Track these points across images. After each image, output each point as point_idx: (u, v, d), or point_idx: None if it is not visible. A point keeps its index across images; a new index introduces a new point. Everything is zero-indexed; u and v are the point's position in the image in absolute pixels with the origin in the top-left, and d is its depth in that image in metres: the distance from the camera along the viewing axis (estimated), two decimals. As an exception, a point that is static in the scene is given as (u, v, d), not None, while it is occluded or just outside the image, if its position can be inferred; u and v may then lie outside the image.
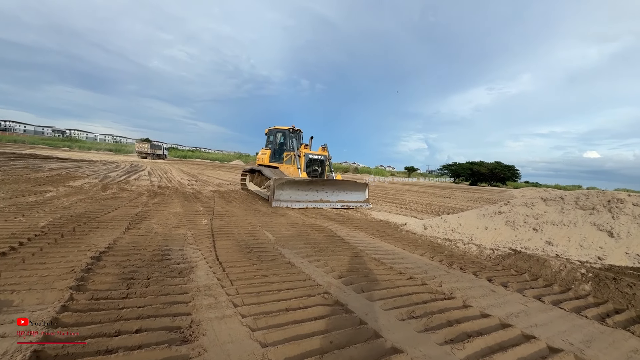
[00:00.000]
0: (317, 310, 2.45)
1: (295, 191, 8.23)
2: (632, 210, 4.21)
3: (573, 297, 3.35)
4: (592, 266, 3.73)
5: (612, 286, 3.42)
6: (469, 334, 2.33)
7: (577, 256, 3.97)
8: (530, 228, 4.81)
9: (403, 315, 2.53)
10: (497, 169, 50.40)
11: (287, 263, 3.58)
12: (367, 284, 3.10)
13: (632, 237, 3.91)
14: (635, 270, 3.49)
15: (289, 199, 8.10)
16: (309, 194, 8.47)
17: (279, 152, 10.65)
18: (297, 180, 8.19)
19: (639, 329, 2.65)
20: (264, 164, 10.87)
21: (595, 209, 4.52)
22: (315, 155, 9.62)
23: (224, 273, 3.04)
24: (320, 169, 9.73)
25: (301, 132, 10.71)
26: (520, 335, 2.39)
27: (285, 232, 5.16)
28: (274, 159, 10.69)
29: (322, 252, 4.20)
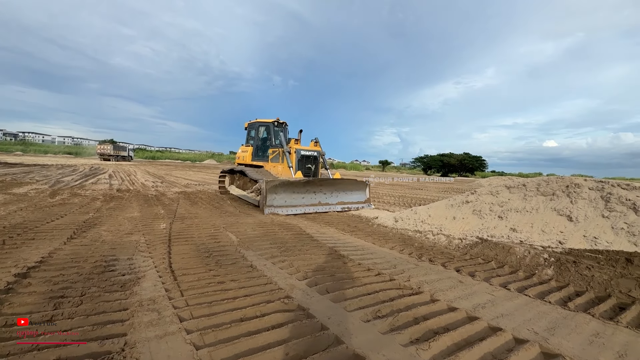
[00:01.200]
0: (276, 317, 2.24)
1: (291, 194, 6.98)
2: (588, 194, 4.35)
3: (537, 283, 3.38)
4: (554, 250, 3.80)
5: (572, 269, 3.49)
6: (435, 331, 2.22)
7: (539, 241, 4.04)
8: (496, 216, 4.87)
9: (368, 315, 2.38)
10: (466, 160, 52.50)
11: (249, 266, 3.33)
12: (332, 284, 2.93)
13: (589, 220, 4.03)
14: (593, 253, 3.58)
15: (283, 204, 6.86)
16: (305, 196, 7.26)
17: (262, 148, 9.42)
18: (293, 182, 6.89)
19: (598, 310, 2.68)
20: (246, 163, 9.56)
21: (555, 194, 4.64)
22: (307, 151, 8.40)
23: (175, 282, 2.75)
24: (314, 166, 8.57)
25: (287, 125, 9.47)
26: (486, 327, 2.32)
27: (251, 233, 4.90)
28: (257, 156, 9.41)
29: (288, 252, 3.99)
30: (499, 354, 2.00)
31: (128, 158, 46.20)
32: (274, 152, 8.69)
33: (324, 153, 8.99)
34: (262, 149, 9.42)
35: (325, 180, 7.74)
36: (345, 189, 8.09)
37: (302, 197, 7.18)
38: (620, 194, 4.06)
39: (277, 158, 8.52)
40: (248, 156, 9.56)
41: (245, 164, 9.65)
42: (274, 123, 9.04)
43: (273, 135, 9.06)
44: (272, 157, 8.71)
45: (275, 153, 8.64)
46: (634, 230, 3.60)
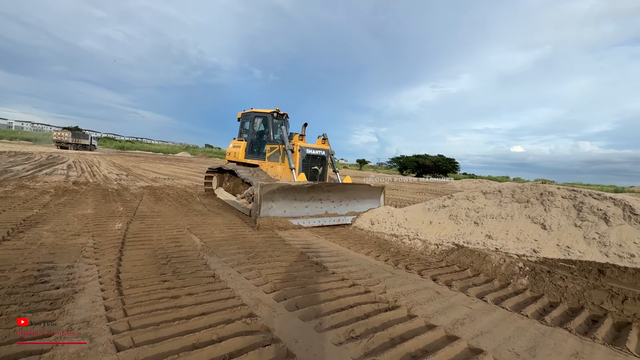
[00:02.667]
0: (235, 342, 1.95)
1: (291, 202, 5.55)
2: (561, 202, 4.37)
3: (512, 293, 3.31)
4: (529, 259, 3.76)
5: (546, 279, 3.45)
6: (413, 356, 2.02)
7: (514, 249, 4.00)
8: (472, 222, 4.81)
9: (340, 337, 2.14)
10: (440, 162, 54.10)
11: (210, 276, 2.99)
12: (303, 298, 2.67)
13: (562, 229, 4.04)
14: (566, 263, 3.56)
15: (282, 214, 5.45)
16: (310, 205, 5.83)
17: (258, 144, 7.94)
18: (294, 186, 5.39)
19: (574, 325, 2.61)
20: (238, 160, 8.12)
21: (530, 201, 4.65)
22: (314, 149, 6.85)
23: (119, 298, 2.37)
24: (322, 168, 7.00)
25: (288, 117, 8.00)
26: (467, 349, 2.16)
27: (218, 235, 4.52)
28: (251, 153, 7.97)
29: (257, 258, 3.68)
30: (481, 382, 1.83)
31: (90, 147, 42.64)
32: (272, 149, 7.21)
33: (334, 152, 7.46)
34: (257, 144, 7.94)
35: (333, 185, 6.25)
36: (356, 196, 6.59)
37: (305, 205, 5.75)
38: (592, 204, 4.10)
39: (276, 156, 7.03)
40: (241, 152, 8.09)
41: (237, 161, 8.23)
42: (273, 114, 7.56)
43: (272, 128, 7.56)
44: (270, 154, 7.25)
45: (274, 150, 7.15)
46: (605, 241, 3.61)
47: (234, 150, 8.51)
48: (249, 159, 7.90)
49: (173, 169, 20.16)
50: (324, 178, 7.11)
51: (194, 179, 13.62)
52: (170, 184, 10.81)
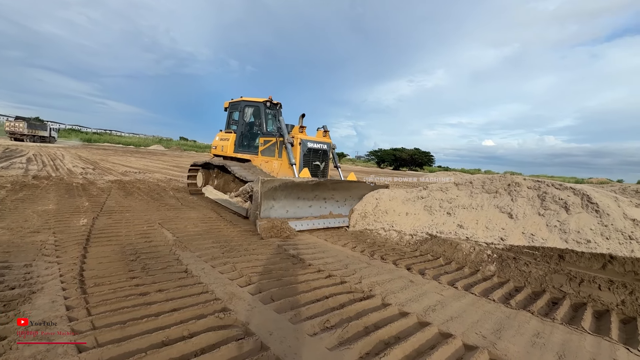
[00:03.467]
0: (207, 338, 1.90)
1: (294, 202, 4.94)
2: (527, 193, 4.60)
3: (481, 279, 3.46)
4: (496, 247, 3.94)
5: (512, 265, 3.64)
6: (386, 342, 2.07)
7: (484, 238, 4.17)
8: (445, 212, 4.97)
9: (316, 327, 2.15)
10: (416, 155, 55.45)
11: (182, 272, 2.90)
12: (278, 290, 2.65)
13: (527, 217, 4.26)
14: (530, 249, 3.77)
15: (284, 215, 4.84)
16: (313, 205, 5.26)
17: (249, 137, 7.24)
18: (298, 183, 4.72)
19: (536, 307, 2.77)
20: (227, 155, 7.40)
21: (498, 192, 4.85)
22: (316, 142, 6.18)
23: (82, 297, 2.24)
24: (324, 164, 6.35)
25: (281, 107, 7.32)
26: (437, 334, 2.23)
27: (192, 230, 4.39)
28: (242, 147, 7.22)
29: (233, 252, 3.61)
30: (450, 365, 1.90)
31: (49, 139, 39.14)
32: (266, 142, 6.50)
33: (335, 146, 6.78)
34: (248, 137, 7.24)
35: (339, 182, 5.61)
36: (360, 196, 5.99)
37: (309, 205, 5.16)
38: (554, 194, 4.34)
39: (271, 150, 6.32)
40: (229, 146, 7.34)
41: (225, 156, 7.50)
42: (266, 103, 6.85)
43: (264, 119, 6.86)
44: (264, 148, 6.54)
45: (268, 143, 6.43)
46: (565, 228, 3.85)
47: (222, 144, 7.66)
48: (239, 153, 7.16)
49: (145, 162, 19.34)
50: (326, 174, 6.46)
51: (168, 173, 13.15)
52: (141, 178, 10.36)
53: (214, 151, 8.13)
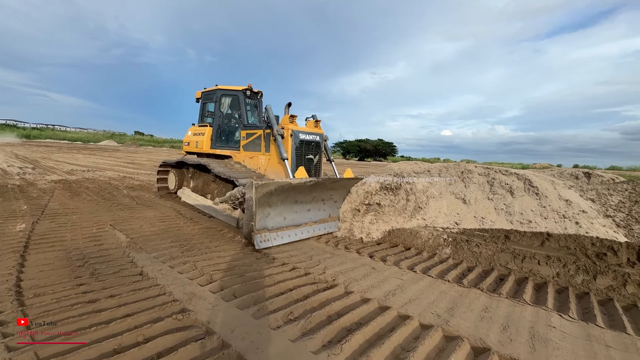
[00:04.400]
0: (163, 341, 1.82)
1: (291, 206, 4.24)
2: (477, 179, 4.93)
3: (438, 262, 3.67)
4: (452, 231, 4.20)
5: (465, 247, 3.89)
6: (348, 329, 2.13)
7: (441, 223, 4.42)
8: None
9: (279, 320, 2.15)
10: (380, 145, 57.00)
11: (137, 274, 2.75)
12: (241, 287, 2.61)
13: (478, 202, 4.57)
14: (481, 231, 4.07)
15: (282, 223, 4.11)
16: (312, 208, 4.56)
17: (227, 130, 6.45)
18: (295, 185, 4.00)
19: (485, 284, 3.00)
20: (203, 151, 6.51)
21: (454, 179, 5.15)
22: (308, 134, 5.52)
23: (19, 310, 2.03)
24: (317, 158, 5.71)
25: (262, 95, 6.63)
26: (396, 317, 2.34)
27: (148, 230, 4.16)
28: (220, 142, 6.39)
29: (193, 250, 3.48)
30: (407, 345, 2.00)
31: None
32: (249, 136, 5.77)
33: (327, 138, 6.20)
34: (226, 131, 6.45)
35: (337, 181, 4.88)
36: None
37: (307, 209, 4.48)
38: (501, 179, 4.70)
39: (256, 144, 5.62)
40: (205, 142, 6.45)
41: (201, 153, 6.61)
42: (245, 92, 6.09)
43: (244, 110, 6.08)
44: (247, 142, 5.80)
45: (252, 137, 5.71)
46: (510, 210, 4.19)
47: (196, 139, 6.71)
48: (218, 149, 6.31)
49: (95, 159, 17.85)
50: (319, 170, 5.84)
51: (122, 170, 12.27)
52: (90, 177, 9.56)
53: (186, 148, 7.12)
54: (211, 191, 5.91)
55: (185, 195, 6.25)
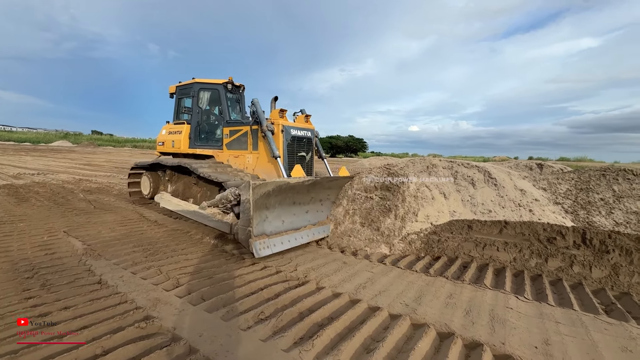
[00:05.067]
0: (125, 352, 1.72)
1: (289, 207, 3.86)
2: (442, 172, 5.15)
3: (407, 254, 3.79)
4: (426, 231, 4.35)
5: (435, 240, 4.06)
6: (320, 324, 2.14)
7: (422, 225, 4.56)
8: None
9: (249, 321, 2.11)
10: (351, 142, 57.78)
11: (96, 283, 2.57)
12: (209, 289, 2.53)
13: (452, 195, 4.78)
14: (448, 224, 4.25)
15: (281, 227, 3.70)
16: (310, 209, 4.22)
17: (208, 127, 5.90)
18: (294, 184, 3.64)
19: (450, 272, 3.15)
20: (181, 151, 5.90)
21: (422, 172, 5.33)
22: (300, 129, 5.13)
23: (-46, 330, 1.83)
24: (309, 155, 5.33)
25: (244, 89, 6.19)
26: (367, 309, 2.39)
27: (107, 235, 3.91)
28: (199, 141, 5.83)
29: (158, 254, 3.32)
30: (377, 335, 2.05)
31: None
32: (233, 133, 5.29)
33: (318, 133, 5.78)
34: (207, 128, 5.91)
35: (335, 180, 4.49)
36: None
37: (305, 210, 4.16)
38: (464, 172, 4.95)
39: (242, 142, 5.15)
40: (183, 141, 5.84)
41: (177, 153, 6.03)
42: (226, 86, 5.61)
43: (226, 105, 5.58)
44: (230, 140, 5.30)
45: (237, 134, 5.23)
46: (473, 202, 4.43)
47: (172, 139, 6.03)
48: (198, 148, 5.72)
49: (46, 161, 16.44)
50: (312, 168, 5.46)
51: (77, 173, 11.41)
52: (41, 180, 8.79)
53: (161, 148, 6.41)
54: (193, 195, 5.31)
55: (164, 201, 5.38)
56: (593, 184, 5.16)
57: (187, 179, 5.52)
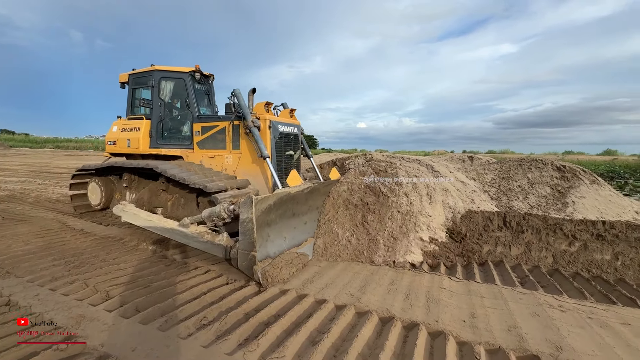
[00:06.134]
0: (39, 379, 1.51)
1: (289, 221, 3.39)
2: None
3: (354, 246, 3.91)
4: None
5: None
6: (266, 323, 2.11)
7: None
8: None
9: (190, 328, 2.00)
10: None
11: (4, 305, 2.22)
12: (146, 299, 2.34)
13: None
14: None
15: (283, 246, 3.23)
16: (309, 220, 3.76)
17: (173, 124, 5.00)
18: (294, 194, 3.29)
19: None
20: (140, 152, 4.89)
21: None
22: (287, 125, 4.59)
23: None
24: (297, 154, 4.84)
25: (214, 79, 5.48)
26: (313, 302, 2.42)
27: (19, 249, 3.39)
28: (163, 138, 4.90)
29: (84, 266, 2.98)
30: (323, 327, 2.09)
31: None
32: (206, 130, 4.56)
33: (303, 130, 5.20)
34: (172, 124, 5.03)
35: (332, 184, 4.19)
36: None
37: (304, 222, 3.68)
38: (407, 166, 5.26)
39: (218, 140, 4.46)
40: (142, 139, 4.85)
41: (133, 154, 5.03)
42: (194, 75, 4.82)
43: (194, 97, 4.76)
44: (203, 138, 4.58)
45: (212, 131, 4.51)
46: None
47: (128, 137, 5.02)
48: (162, 147, 4.80)
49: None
50: (299, 168, 4.94)
51: (-19, 179, 9.71)
52: None
53: (112, 149, 5.29)
54: (162, 204, 4.35)
55: (128, 214, 4.11)
56: (512, 173, 5.87)
57: (153, 185, 4.53)
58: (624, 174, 14.37)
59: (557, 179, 5.46)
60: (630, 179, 12.70)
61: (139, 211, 4.06)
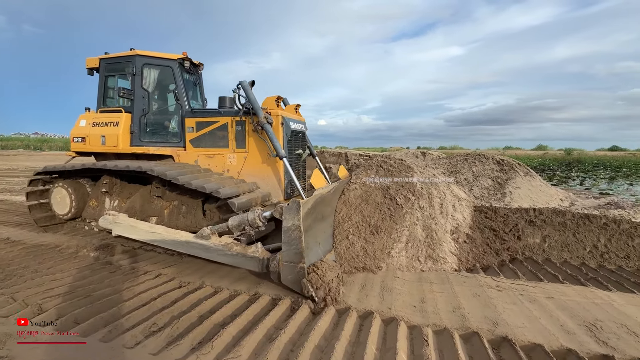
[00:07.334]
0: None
1: (319, 224, 3.09)
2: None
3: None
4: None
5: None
6: (222, 324, 2.05)
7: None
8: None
9: (138, 336, 1.88)
10: (263, 136, 57.19)
11: None
12: (86, 310, 2.15)
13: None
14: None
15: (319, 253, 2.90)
16: (331, 222, 3.51)
17: (155, 119, 4.38)
18: (325, 195, 3.05)
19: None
20: (118, 151, 4.17)
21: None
22: (297, 122, 4.19)
23: None
24: (305, 153, 4.43)
25: (203, 68, 4.95)
26: (270, 300, 2.41)
27: None
28: (146, 135, 4.25)
29: (12, 278, 2.66)
30: (280, 324, 2.08)
31: None
32: (203, 126, 4.04)
33: (307, 128, 4.76)
34: (158, 119, 4.41)
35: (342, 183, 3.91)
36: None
37: (329, 224, 3.44)
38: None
39: (219, 137, 3.97)
40: (121, 135, 4.14)
41: (107, 152, 4.33)
42: (182, 63, 4.29)
43: (183, 88, 4.20)
44: (198, 136, 4.06)
45: (210, 127, 3.99)
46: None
47: (102, 132, 4.27)
48: (147, 145, 4.16)
49: None
50: (305, 167, 4.56)
51: None
52: None
53: (80, 147, 4.47)
54: (156, 212, 3.73)
55: (121, 227, 3.39)
56: (459, 167, 6.32)
57: (143, 190, 3.88)
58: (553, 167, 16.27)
59: (497, 171, 6.00)
60: (557, 171, 14.42)
61: (136, 222, 3.44)
